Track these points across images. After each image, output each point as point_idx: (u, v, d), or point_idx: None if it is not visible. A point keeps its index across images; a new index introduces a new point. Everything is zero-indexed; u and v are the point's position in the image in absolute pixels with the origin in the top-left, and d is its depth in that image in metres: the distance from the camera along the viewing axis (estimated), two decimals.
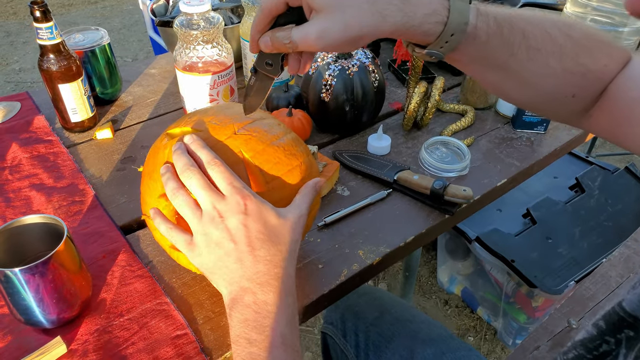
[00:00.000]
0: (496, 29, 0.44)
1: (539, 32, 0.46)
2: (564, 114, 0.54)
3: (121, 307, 0.57)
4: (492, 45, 0.45)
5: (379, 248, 0.67)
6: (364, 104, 0.83)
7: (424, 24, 0.42)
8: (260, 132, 0.53)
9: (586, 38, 0.48)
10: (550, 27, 0.47)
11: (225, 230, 0.46)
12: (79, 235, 0.67)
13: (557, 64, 0.47)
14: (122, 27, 3.37)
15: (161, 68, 1.09)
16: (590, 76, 0.48)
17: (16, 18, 3.50)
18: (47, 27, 0.75)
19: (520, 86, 0.50)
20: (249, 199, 0.46)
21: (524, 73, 0.48)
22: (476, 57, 0.47)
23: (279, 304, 0.44)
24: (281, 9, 0.44)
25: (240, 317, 0.44)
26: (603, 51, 0.48)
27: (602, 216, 1.33)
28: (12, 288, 0.50)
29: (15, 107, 0.93)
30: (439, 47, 0.44)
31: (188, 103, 0.86)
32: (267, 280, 0.44)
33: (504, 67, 0.47)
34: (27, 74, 2.85)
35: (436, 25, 0.42)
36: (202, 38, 0.79)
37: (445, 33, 0.43)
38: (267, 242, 0.45)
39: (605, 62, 0.48)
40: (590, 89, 0.50)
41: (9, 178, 0.76)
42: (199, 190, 0.47)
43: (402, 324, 0.80)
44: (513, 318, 1.36)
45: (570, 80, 0.48)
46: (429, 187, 0.72)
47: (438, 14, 0.42)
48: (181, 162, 0.48)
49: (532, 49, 0.46)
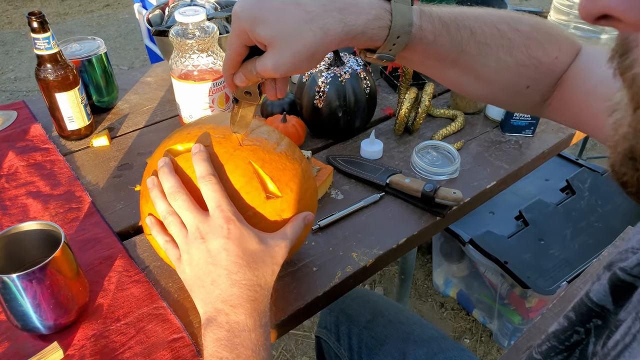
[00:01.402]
0: (442, 28, 0.46)
1: (487, 28, 0.48)
2: (521, 105, 0.56)
3: (118, 312, 0.58)
4: (440, 43, 0.46)
5: (372, 250, 0.68)
6: (356, 110, 0.84)
7: (367, 30, 0.43)
8: (262, 140, 0.54)
9: (535, 31, 0.49)
10: (498, 22, 0.48)
11: (205, 251, 0.47)
12: (76, 241, 0.68)
13: (508, 57, 0.48)
14: (118, 36, 3.38)
15: (157, 76, 1.10)
16: (542, 68, 0.50)
17: (11, 27, 3.51)
18: (45, 37, 0.77)
19: (476, 81, 0.51)
20: (233, 223, 0.47)
21: (478, 68, 0.49)
22: (427, 56, 0.48)
23: (250, 325, 0.45)
24: (244, 53, 0.46)
25: (213, 337, 0.45)
26: (553, 43, 0.50)
27: (592, 217, 1.35)
28: (10, 294, 0.50)
29: (12, 115, 0.94)
30: (387, 50, 0.46)
31: (184, 111, 0.87)
32: (240, 303, 0.46)
33: (457, 63, 0.49)
34: (23, 83, 2.86)
35: (380, 30, 0.44)
36: (197, 47, 0.80)
37: (391, 36, 0.44)
38: (244, 266, 0.47)
39: (555, 54, 0.50)
40: (544, 80, 0.51)
41: (5, 186, 0.77)
42: (185, 212, 0.48)
43: (394, 326, 0.81)
44: (508, 319, 1.37)
45: (523, 73, 0.50)
46: (420, 190, 0.74)
47: (381, 19, 0.44)
48: (169, 184, 0.50)
49: (481, 44, 0.47)
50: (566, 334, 0.38)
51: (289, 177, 0.53)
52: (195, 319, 0.58)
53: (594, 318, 0.36)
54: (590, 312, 0.36)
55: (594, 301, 0.36)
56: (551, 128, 0.95)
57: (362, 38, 0.44)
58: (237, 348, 0.44)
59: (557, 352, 0.38)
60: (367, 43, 0.45)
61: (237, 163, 0.51)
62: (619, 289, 0.35)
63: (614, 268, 0.35)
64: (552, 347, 0.38)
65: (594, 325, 0.36)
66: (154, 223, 0.53)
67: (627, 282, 0.34)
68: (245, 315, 0.45)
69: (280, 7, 0.42)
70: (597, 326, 0.36)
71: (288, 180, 0.53)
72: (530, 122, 0.90)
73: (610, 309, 0.36)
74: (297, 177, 0.54)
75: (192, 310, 0.59)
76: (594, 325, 0.36)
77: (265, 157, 0.53)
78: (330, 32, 0.42)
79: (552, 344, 0.38)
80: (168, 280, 0.63)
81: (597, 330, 0.36)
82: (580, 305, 0.37)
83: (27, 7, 3.80)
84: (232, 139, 0.53)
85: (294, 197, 0.54)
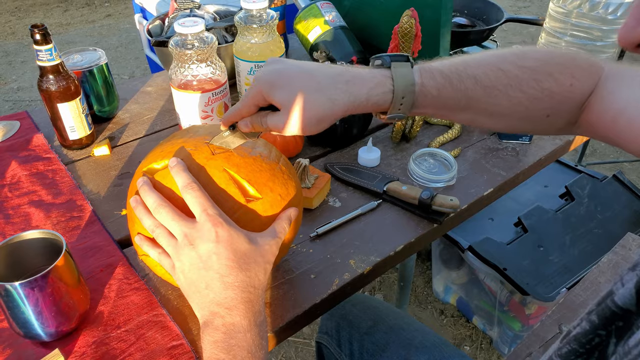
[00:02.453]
0: (444, 82, 0.49)
1: (491, 72, 0.50)
2: (546, 130, 0.57)
3: (118, 320, 0.59)
4: (446, 96, 0.50)
5: (369, 257, 0.68)
6: (354, 118, 0.85)
7: (371, 97, 0.48)
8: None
9: (543, 64, 0.51)
10: (501, 62, 0.51)
11: (196, 257, 0.48)
12: (77, 249, 0.68)
13: (519, 93, 0.50)
14: (119, 45, 3.41)
15: (157, 86, 1.12)
16: (557, 97, 0.51)
17: (14, 38, 3.55)
18: (47, 49, 0.78)
19: (492, 119, 0.53)
20: (221, 226, 0.48)
21: (490, 108, 0.52)
22: (437, 107, 0.51)
23: (245, 325, 0.46)
24: (254, 111, 0.52)
25: (210, 339, 0.46)
26: (564, 73, 0.51)
27: (591, 223, 1.35)
28: (12, 302, 0.51)
29: (15, 126, 0.95)
30: (397, 111, 0.50)
31: (183, 120, 0.88)
32: (234, 305, 0.47)
33: (468, 108, 0.51)
34: (25, 93, 2.88)
35: (384, 94, 0.49)
36: (196, 57, 0.81)
37: (396, 98, 0.48)
38: (235, 268, 0.48)
39: (569, 82, 0.51)
40: (562, 108, 0.52)
41: (8, 195, 0.78)
42: (170, 222, 0.49)
43: (396, 332, 0.81)
44: (508, 326, 1.37)
45: (538, 105, 0.51)
46: (417, 197, 0.74)
47: (383, 85, 0.48)
48: (151, 199, 0.51)
49: (488, 88, 0.50)
50: (588, 337, 0.38)
51: (267, 177, 0.54)
52: (195, 326, 0.59)
53: (616, 321, 0.37)
54: (614, 315, 0.37)
55: (619, 305, 0.36)
56: (548, 135, 0.96)
57: (367, 105, 0.49)
58: (234, 349, 0.45)
59: (577, 355, 0.39)
60: (374, 108, 0.49)
61: (212, 172, 0.52)
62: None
63: (638, 270, 0.36)
64: (573, 350, 0.39)
65: (616, 327, 0.37)
66: (143, 240, 0.54)
67: None
68: (240, 317, 0.46)
69: (297, 75, 0.49)
70: (618, 327, 0.37)
71: (266, 180, 0.54)
72: None
73: (633, 311, 0.36)
74: (276, 177, 0.55)
75: (191, 317, 0.60)
76: (615, 327, 0.37)
77: (239, 162, 0.53)
78: (337, 102, 0.48)
79: (572, 347, 0.39)
80: (167, 288, 0.63)
81: (618, 331, 0.37)
82: (604, 309, 0.37)
83: (30, 17, 3.84)
84: (204, 150, 0.54)
85: (274, 196, 0.54)
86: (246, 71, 0.95)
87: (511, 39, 3.37)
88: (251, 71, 0.94)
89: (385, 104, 0.49)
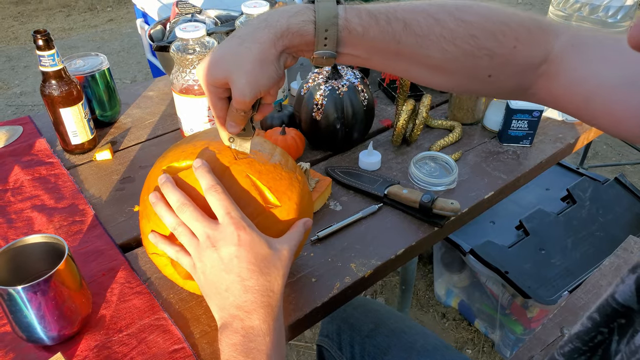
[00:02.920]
0: (369, 20, 0.47)
1: (423, 19, 0.47)
2: (497, 93, 0.55)
3: (120, 323, 0.59)
4: (372, 36, 0.47)
5: (370, 261, 0.69)
6: (354, 122, 0.86)
7: (291, 25, 0.47)
8: (256, 152, 0.56)
9: (485, 20, 0.48)
10: (438, 11, 0.48)
11: (218, 259, 0.48)
12: (79, 254, 0.69)
13: (452, 47, 0.47)
14: (121, 50, 3.43)
15: (159, 90, 1.12)
16: (498, 59, 0.48)
17: (17, 43, 3.57)
18: (50, 54, 0.79)
19: (430, 72, 0.51)
20: (244, 230, 0.48)
21: (423, 60, 0.49)
22: (367, 50, 0.49)
23: (264, 329, 0.47)
24: (224, 104, 0.51)
25: (229, 342, 0.46)
26: (507, 34, 0.48)
27: (593, 226, 1.35)
28: (15, 306, 0.51)
29: (18, 130, 0.96)
30: (322, 46, 0.48)
31: (185, 124, 0.88)
32: (254, 308, 0.47)
33: (400, 55, 0.49)
34: (28, 98, 2.89)
35: (305, 23, 0.47)
36: (197, 62, 0.82)
37: (319, 30, 0.47)
38: (256, 272, 0.48)
39: (512, 44, 0.48)
40: (507, 70, 0.49)
41: (11, 200, 0.78)
42: (194, 222, 0.50)
43: (397, 335, 0.81)
44: (510, 330, 1.37)
45: (476, 63, 0.49)
46: (417, 200, 0.75)
47: (303, 14, 0.47)
48: (174, 197, 0.51)
49: (418, 37, 0.47)
50: (590, 335, 0.38)
51: (286, 186, 0.55)
52: (196, 330, 0.59)
53: (618, 318, 0.37)
54: (615, 312, 0.37)
55: (619, 302, 0.37)
56: (549, 138, 0.96)
57: (288, 34, 0.47)
58: (252, 352, 0.45)
59: (580, 353, 0.39)
60: (299, 40, 0.48)
61: (236, 176, 0.53)
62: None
63: (638, 271, 0.36)
64: (576, 349, 0.39)
65: (618, 324, 0.37)
66: (158, 237, 0.54)
67: None
68: (259, 321, 0.47)
69: (220, 48, 0.49)
70: (620, 325, 0.37)
71: (285, 189, 0.55)
72: (528, 132, 0.91)
73: (635, 309, 0.36)
74: (293, 186, 0.56)
75: (192, 321, 0.60)
76: (617, 324, 0.37)
77: (261, 169, 0.54)
78: (260, 40, 0.47)
79: (575, 346, 0.39)
80: (169, 292, 0.64)
81: (621, 329, 0.37)
82: (605, 307, 0.37)
83: (33, 23, 3.87)
84: (227, 154, 0.54)
85: (292, 205, 0.55)
86: None
87: None
88: None
89: (309, 35, 0.47)
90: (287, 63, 0.50)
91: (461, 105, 0.97)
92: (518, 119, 0.90)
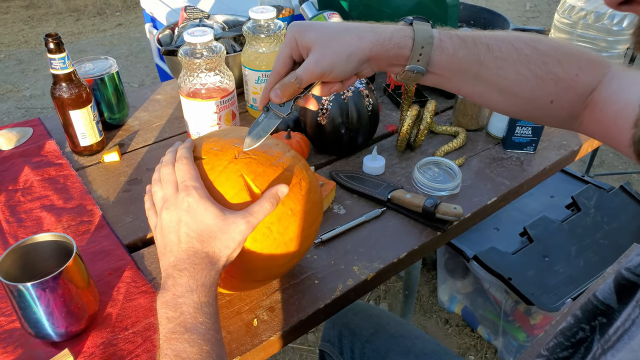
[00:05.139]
0: (460, 42, 0.53)
1: (504, 45, 0.53)
2: (549, 119, 0.59)
3: (126, 321, 0.60)
4: (460, 56, 0.53)
5: (373, 264, 0.69)
6: (359, 127, 0.87)
7: (394, 37, 0.52)
8: (259, 154, 0.56)
9: (554, 50, 0.54)
10: (515, 40, 0.54)
11: (168, 221, 0.52)
12: (87, 253, 0.70)
13: (526, 71, 0.53)
14: (129, 54, 3.47)
15: (166, 94, 1.14)
16: (562, 84, 0.54)
17: (27, 46, 3.61)
18: (60, 57, 0.80)
19: (500, 94, 0.56)
20: (193, 197, 0.51)
21: (499, 81, 0.54)
22: (451, 71, 0.54)
23: (192, 285, 0.48)
24: (289, 64, 0.55)
25: (162, 300, 0.48)
26: (572, 62, 0.54)
27: (598, 234, 1.35)
28: (24, 302, 0.53)
29: (28, 132, 0.98)
30: (416, 61, 0.52)
31: (192, 127, 0.90)
32: (185, 267, 0.49)
33: (479, 77, 0.54)
34: (38, 100, 2.93)
35: (405, 38, 0.52)
36: (205, 66, 0.83)
37: (416, 45, 0.52)
38: (193, 238, 0.50)
39: (575, 72, 0.54)
40: (566, 96, 0.55)
41: (21, 200, 0.80)
42: (164, 182, 0.54)
43: (396, 339, 0.82)
44: (513, 336, 1.36)
45: (543, 87, 0.54)
46: (421, 205, 0.75)
47: (404, 31, 0.53)
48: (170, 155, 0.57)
49: (499, 59, 0.53)
50: (572, 330, 0.39)
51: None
52: None
53: (599, 316, 0.38)
54: (595, 309, 0.38)
55: (599, 299, 0.38)
56: (553, 145, 0.96)
57: (389, 44, 0.52)
58: (181, 307, 0.47)
59: (563, 349, 0.40)
60: (395, 51, 0.52)
61: (228, 175, 0.54)
62: (623, 287, 0.36)
63: (620, 268, 0.37)
64: (559, 344, 0.40)
65: (599, 323, 0.38)
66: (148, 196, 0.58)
67: (632, 281, 0.36)
68: (187, 277, 0.48)
69: (326, 23, 0.54)
70: (602, 324, 0.37)
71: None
72: (532, 139, 0.92)
73: (614, 307, 0.37)
74: (292, 191, 0.55)
75: None
76: (599, 323, 0.38)
77: (258, 171, 0.54)
78: (364, 38, 0.52)
79: (558, 341, 0.40)
80: None
81: (602, 328, 0.37)
82: (586, 304, 0.38)
83: (43, 27, 3.92)
84: (228, 152, 0.55)
85: (285, 210, 0.55)
86: (254, 80, 0.97)
87: None
88: (259, 80, 0.96)
89: (406, 49, 0.52)
90: (364, 72, 0.55)
91: (466, 111, 0.97)
92: (522, 126, 0.90)
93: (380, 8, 1.08)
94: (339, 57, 0.51)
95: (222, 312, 0.62)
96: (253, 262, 0.55)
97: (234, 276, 0.58)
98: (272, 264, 0.57)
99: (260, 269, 0.57)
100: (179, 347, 0.44)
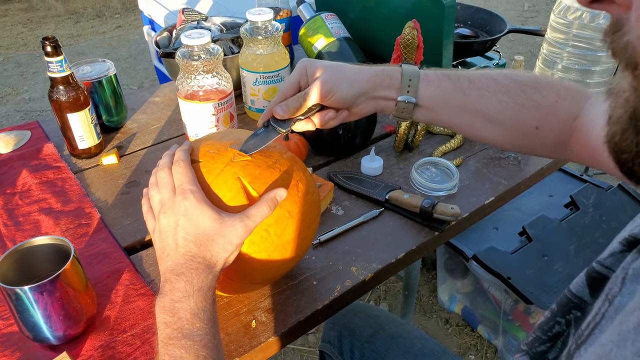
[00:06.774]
0: (443, 76, 0.60)
1: (484, 78, 0.59)
2: (542, 148, 0.62)
3: (124, 324, 0.60)
4: (444, 87, 0.59)
5: (371, 265, 0.69)
6: (357, 128, 0.87)
7: (386, 69, 0.60)
8: (256, 156, 0.56)
9: (532, 80, 0.59)
10: (494, 74, 0.60)
11: (165, 225, 0.52)
12: (85, 256, 0.70)
13: (507, 98, 0.58)
14: (128, 56, 3.47)
15: (164, 96, 1.14)
16: (543, 110, 0.58)
17: (26, 49, 3.62)
18: (58, 60, 0.81)
19: (487, 123, 0.60)
20: (189, 200, 0.51)
21: (484, 109, 0.59)
22: (439, 102, 0.60)
23: (189, 290, 0.48)
24: (295, 88, 0.60)
25: (160, 305, 0.48)
26: (550, 90, 0.58)
27: (596, 233, 1.35)
28: (22, 305, 0.53)
29: (26, 135, 0.98)
30: (406, 92, 0.58)
31: (190, 129, 0.90)
32: (182, 272, 0.49)
33: (465, 107, 0.59)
34: (36, 103, 2.93)
35: (395, 71, 0.59)
36: (202, 68, 0.83)
37: (405, 76, 0.59)
38: (190, 242, 0.50)
39: (554, 98, 0.58)
40: (549, 121, 0.58)
41: (19, 203, 0.80)
42: (161, 186, 0.54)
43: (395, 340, 0.82)
44: (513, 336, 1.36)
45: (525, 113, 0.58)
46: (418, 205, 0.75)
47: (394, 68, 0.60)
48: (167, 158, 0.57)
49: (481, 89, 0.59)
50: (549, 324, 0.40)
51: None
52: None
53: (573, 309, 0.38)
54: (569, 303, 0.38)
55: (573, 292, 0.38)
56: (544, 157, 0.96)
57: (383, 74, 0.59)
58: (178, 312, 0.47)
59: (540, 343, 0.40)
60: (388, 81, 0.59)
61: (225, 178, 0.54)
62: (594, 281, 0.37)
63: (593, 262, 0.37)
64: (537, 338, 0.40)
65: (574, 316, 0.38)
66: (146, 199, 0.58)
67: (602, 273, 0.36)
68: (184, 282, 0.49)
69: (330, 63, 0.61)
70: (576, 318, 0.38)
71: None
72: None
73: (587, 301, 0.38)
74: (290, 195, 0.55)
75: None
76: (573, 317, 0.38)
77: (255, 173, 0.54)
78: (363, 71, 0.60)
79: (537, 335, 0.40)
80: None
81: (577, 322, 0.38)
82: (561, 298, 0.39)
83: (42, 29, 3.92)
84: (225, 155, 0.55)
85: (282, 212, 0.54)
86: (251, 82, 0.97)
87: (518, 49, 3.38)
88: (256, 82, 0.96)
89: (397, 80, 0.59)
90: (361, 106, 0.60)
91: None
92: None
93: (377, 9, 1.09)
94: (343, 82, 0.58)
95: (220, 314, 0.62)
96: (251, 265, 0.55)
97: (232, 279, 0.58)
98: (270, 266, 0.57)
99: (258, 272, 0.57)
100: (176, 353, 0.45)
